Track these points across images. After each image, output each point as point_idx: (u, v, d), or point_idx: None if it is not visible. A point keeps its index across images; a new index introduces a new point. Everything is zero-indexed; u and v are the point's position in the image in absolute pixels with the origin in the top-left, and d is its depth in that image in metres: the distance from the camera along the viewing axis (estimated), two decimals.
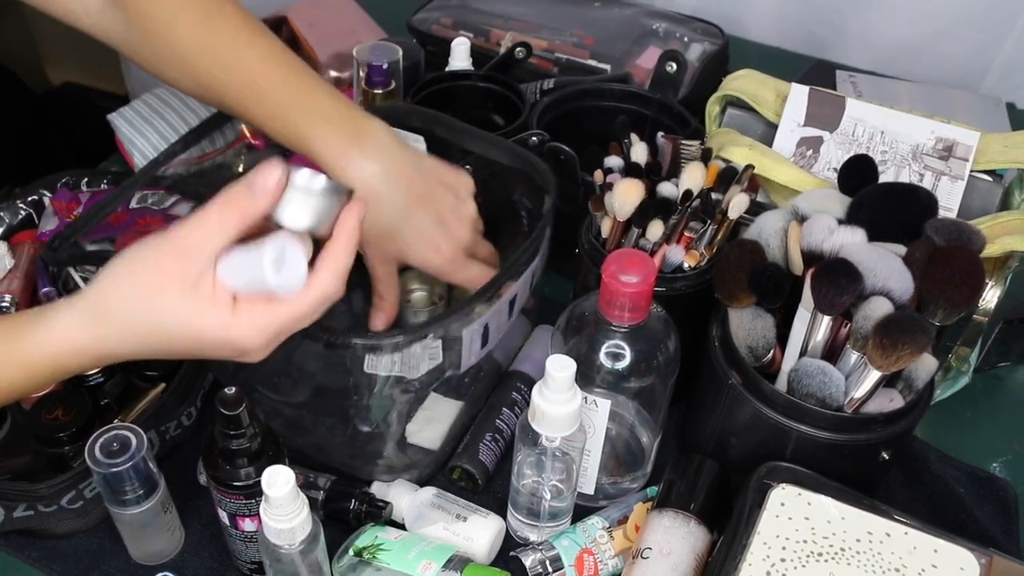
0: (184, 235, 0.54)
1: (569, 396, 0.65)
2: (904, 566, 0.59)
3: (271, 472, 0.59)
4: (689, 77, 1.07)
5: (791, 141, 0.84)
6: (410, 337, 0.66)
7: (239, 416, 0.61)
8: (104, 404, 0.78)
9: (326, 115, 0.69)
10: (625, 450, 0.78)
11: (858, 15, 1.25)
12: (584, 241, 0.78)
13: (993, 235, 0.74)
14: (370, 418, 0.75)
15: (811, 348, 0.66)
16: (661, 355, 0.69)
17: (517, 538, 0.75)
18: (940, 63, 1.23)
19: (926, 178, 0.81)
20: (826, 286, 0.62)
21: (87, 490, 0.71)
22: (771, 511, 0.62)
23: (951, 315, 0.64)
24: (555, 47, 1.15)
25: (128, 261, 0.56)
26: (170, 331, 0.55)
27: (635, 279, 0.64)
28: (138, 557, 0.73)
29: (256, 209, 0.54)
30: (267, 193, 0.54)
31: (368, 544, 0.70)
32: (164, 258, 0.54)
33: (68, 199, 0.94)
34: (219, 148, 1.00)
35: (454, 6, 1.22)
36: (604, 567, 0.71)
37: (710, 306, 0.74)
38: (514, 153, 0.82)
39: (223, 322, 0.54)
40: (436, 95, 0.98)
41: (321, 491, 0.74)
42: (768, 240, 0.71)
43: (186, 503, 0.75)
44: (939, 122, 0.82)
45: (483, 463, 0.77)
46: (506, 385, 0.83)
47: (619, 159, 0.78)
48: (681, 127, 0.95)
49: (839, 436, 0.65)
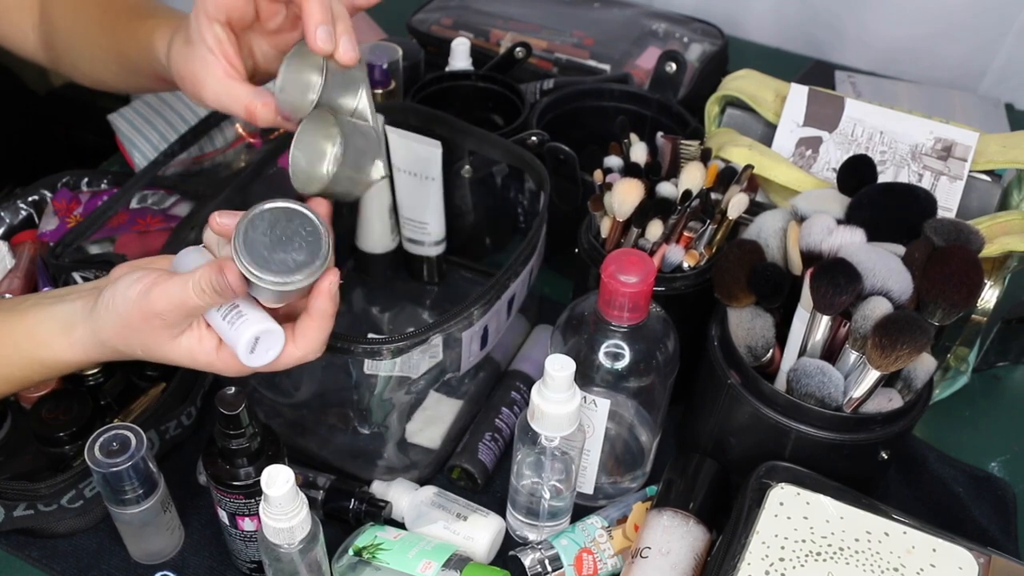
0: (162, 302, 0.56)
1: (568, 396, 0.65)
2: (903, 565, 0.59)
3: (270, 472, 0.59)
4: (688, 77, 1.07)
5: (790, 141, 0.84)
6: (411, 341, 0.66)
7: (239, 416, 0.61)
8: (104, 404, 0.78)
9: (169, 25, 0.71)
10: (624, 450, 0.78)
11: (857, 16, 1.25)
12: (584, 241, 0.78)
13: (992, 235, 0.74)
14: (370, 418, 0.75)
15: (810, 348, 0.66)
16: (660, 355, 0.69)
17: (516, 537, 0.75)
18: (939, 64, 1.23)
19: (925, 178, 0.81)
20: (825, 286, 0.62)
21: (87, 489, 0.71)
22: (770, 510, 0.62)
23: (950, 315, 0.64)
24: (555, 47, 1.15)
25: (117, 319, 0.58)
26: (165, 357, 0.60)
27: (634, 279, 0.65)
28: (138, 556, 0.73)
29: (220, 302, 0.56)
30: (230, 292, 0.55)
31: (368, 543, 0.70)
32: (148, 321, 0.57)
33: (68, 199, 0.94)
34: (218, 148, 1.01)
35: (454, 6, 1.22)
36: (603, 566, 0.71)
37: (709, 306, 0.74)
38: (509, 151, 0.82)
39: (209, 361, 0.60)
40: (436, 95, 0.98)
41: (321, 490, 0.74)
42: (767, 240, 0.71)
43: (186, 503, 0.75)
44: (938, 122, 0.82)
45: (482, 462, 0.77)
46: (505, 385, 0.83)
47: (618, 159, 0.79)
48: (680, 127, 0.95)
49: (838, 436, 0.65)
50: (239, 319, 0.57)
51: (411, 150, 0.84)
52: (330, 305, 0.59)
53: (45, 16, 0.82)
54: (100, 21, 0.78)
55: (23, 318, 0.62)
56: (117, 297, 0.58)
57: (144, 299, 0.56)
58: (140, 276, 0.57)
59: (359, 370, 0.67)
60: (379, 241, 0.91)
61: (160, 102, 1.03)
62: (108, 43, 0.76)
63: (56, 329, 0.61)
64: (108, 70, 0.79)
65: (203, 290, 0.54)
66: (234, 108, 0.63)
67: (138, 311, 0.57)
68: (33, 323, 0.62)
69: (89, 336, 0.60)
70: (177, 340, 0.58)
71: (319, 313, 0.59)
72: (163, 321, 0.57)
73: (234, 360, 0.58)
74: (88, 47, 0.79)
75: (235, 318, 0.57)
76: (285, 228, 0.55)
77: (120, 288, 0.58)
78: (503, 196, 0.94)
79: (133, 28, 0.74)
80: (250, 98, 0.63)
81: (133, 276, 0.58)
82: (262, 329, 0.57)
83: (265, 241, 0.55)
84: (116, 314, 0.58)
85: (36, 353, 0.62)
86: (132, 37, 0.73)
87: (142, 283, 0.57)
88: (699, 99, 0.94)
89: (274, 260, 0.54)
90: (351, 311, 0.93)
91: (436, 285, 0.95)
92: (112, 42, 0.76)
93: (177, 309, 0.56)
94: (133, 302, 0.57)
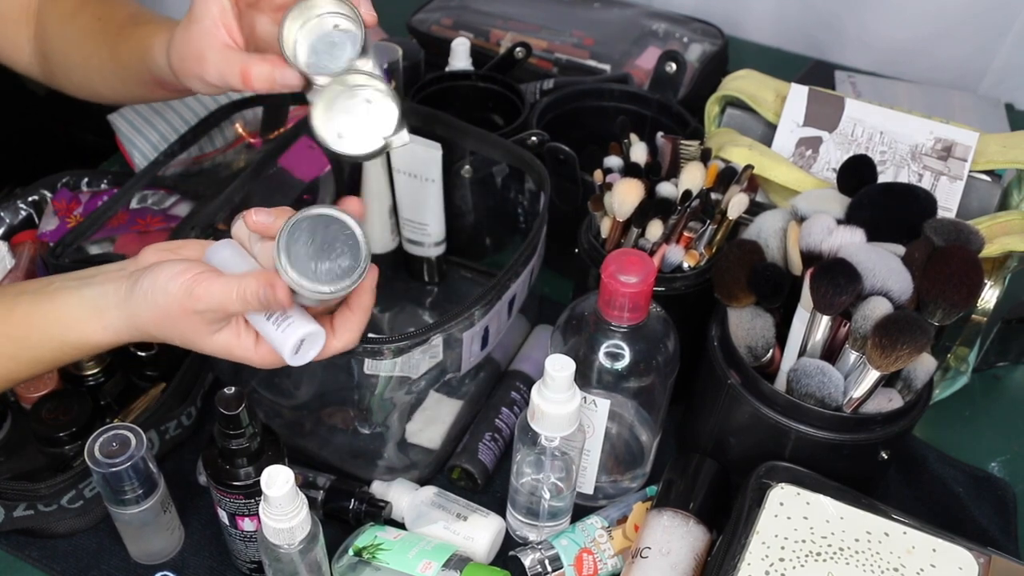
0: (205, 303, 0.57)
1: (568, 396, 0.65)
2: (903, 565, 0.59)
3: (270, 472, 0.59)
4: (688, 77, 1.07)
5: (790, 141, 0.84)
6: (411, 341, 0.66)
7: (239, 416, 0.61)
8: (104, 404, 0.78)
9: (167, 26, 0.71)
10: (624, 450, 0.78)
11: (857, 16, 1.25)
12: (584, 241, 0.78)
13: (992, 235, 0.74)
14: (371, 419, 0.75)
15: (810, 348, 0.66)
16: (660, 355, 0.69)
17: (516, 537, 0.75)
18: (939, 64, 1.23)
19: (925, 178, 0.81)
20: (825, 286, 0.62)
21: (87, 489, 0.71)
22: (770, 510, 0.62)
23: (950, 315, 0.64)
24: (555, 47, 1.15)
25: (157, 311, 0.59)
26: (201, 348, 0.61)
27: (634, 279, 0.65)
28: (138, 557, 0.73)
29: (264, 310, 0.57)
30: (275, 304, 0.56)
31: (368, 544, 0.70)
32: (189, 318, 0.58)
33: (68, 199, 0.94)
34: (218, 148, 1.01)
35: (454, 6, 1.22)
36: (603, 566, 0.71)
37: (709, 306, 0.74)
38: (509, 151, 0.82)
39: (247, 356, 0.60)
40: (436, 95, 0.98)
41: (321, 491, 0.74)
42: (767, 240, 0.71)
43: (186, 503, 0.75)
44: (938, 122, 0.82)
45: (482, 463, 0.77)
46: (505, 385, 0.83)
47: (618, 159, 0.79)
48: (680, 127, 0.95)
49: (838, 436, 0.65)
50: (284, 321, 0.57)
51: (411, 152, 0.84)
52: (371, 300, 0.61)
53: (40, 29, 0.83)
54: (95, 31, 0.78)
55: (51, 301, 0.62)
56: (157, 289, 0.58)
57: (187, 297, 0.57)
58: (182, 269, 0.57)
59: (360, 370, 0.67)
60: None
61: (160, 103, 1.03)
62: (104, 52, 0.77)
63: (87, 313, 0.61)
64: (103, 80, 0.79)
65: (248, 301, 0.55)
66: (232, 75, 0.63)
67: (179, 307, 0.57)
68: (62, 306, 0.62)
69: (123, 321, 0.60)
70: (215, 335, 0.59)
71: (361, 308, 0.61)
72: (203, 319, 0.58)
73: (272, 356, 0.59)
74: (83, 57, 0.79)
75: (280, 320, 0.58)
76: (324, 235, 0.56)
77: (160, 280, 0.58)
78: (503, 196, 0.94)
79: (128, 34, 0.74)
80: (245, 61, 0.62)
81: (175, 268, 0.58)
82: (307, 332, 0.57)
83: (308, 251, 0.55)
84: (155, 304, 0.58)
85: (66, 336, 0.62)
86: (128, 42, 0.74)
87: (184, 278, 0.57)
88: (699, 99, 0.94)
89: (320, 270, 0.55)
90: None
91: (436, 285, 0.95)
92: (108, 51, 0.76)
93: (219, 311, 0.57)
94: (174, 297, 0.57)
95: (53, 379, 0.78)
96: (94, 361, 0.78)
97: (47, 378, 0.78)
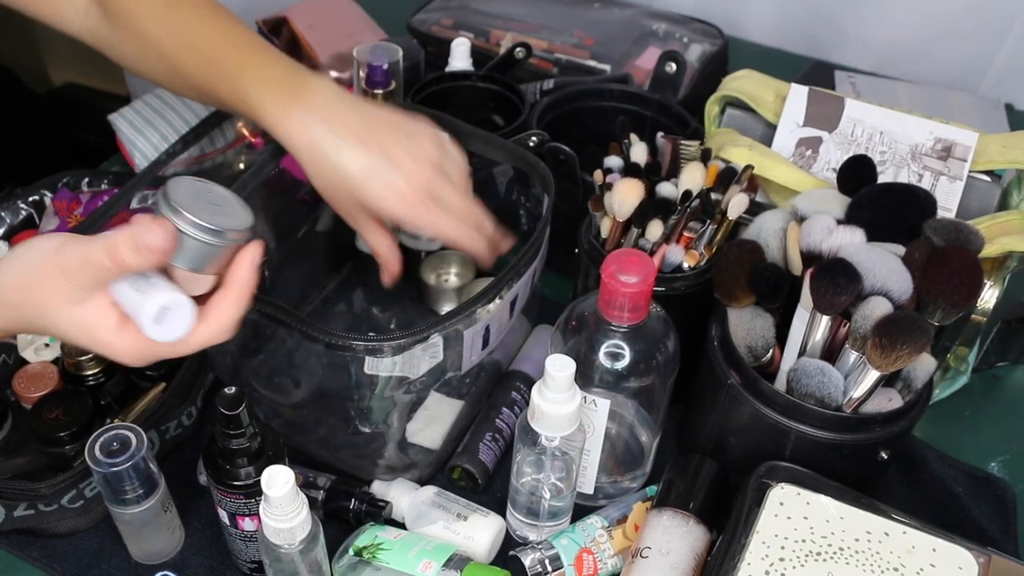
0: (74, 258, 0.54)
1: (568, 396, 0.65)
2: (903, 565, 0.59)
3: (271, 472, 0.59)
4: (688, 78, 1.07)
5: (790, 141, 0.84)
6: (412, 339, 0.66)
7: (239, 416, 0.61)
8: (104, 404, 0.79)
9: (272, 79, 0.71)
10: (624, 449, 0.78)
11: (857, 17, 1.25)
12: (584, 241, 0.78)
13: (991, 235, 0.74)
14: (371, 418, 0.75)
15: (810, 348, 0.66)
16: (660, 355, 0.69)
17: (517, 537, 0.75)
18: (939, 64, 1.24)
19: (925, 178, 0.81)
20: (825, 286, 0.62)
21: (87, 489, 0.71)
22: (770, 510, 0.62)
23: (950, 315, 0.64)
24: (555, 47, 1.15)
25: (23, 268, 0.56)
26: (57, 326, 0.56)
27: (634, 279, 0.65)
28: (138, 556, 0.73)
29: (134, 264, 0.53)
30: (148, 252, 0.52)
31: (368, 543, 0.70)
32: (54, 277, 0.54)
33: (69, 199, 0.94)
34: (219, 148, 1.01)
35: (454, 6, 1.22)
36: (603, 566, 0.71)
37: (709, 306, 0.74)
38: (513, 153, 0.82)
39: (107, 340, 0.55)
40: (436, 95, 0.99)
41: (321, 490, 0.74)
42: (767, 240, 0.71)
43: (186, 503, 0.75)
44: (938, 123, 0.82)
45: (483, 462, 0.77)
46: (506, 385, 0.83)
47: (619, 159, 0.79)
48: (680, 127, 0.95)
49: (838, 436, 0.65)
50: (148, 285, 0.54)
51: None
52: (251, 276, 0.56)
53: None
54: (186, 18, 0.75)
55: None
56: (32, 247, 0.56)
57: (56, 253, 0.54)
58: (60, 235, 0.56)
59: (359, 369, 0.67)
60: None
61: (161, 103, 1.03)
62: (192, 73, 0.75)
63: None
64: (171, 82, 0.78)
65: (118, 249, 0.51)
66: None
67: (46, 263, 0.54)
68: None
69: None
70: (75, 308, 0.54)
71: (238, 284, 0.56)
72: (68, 283, 0.54)
73: (135, 339, 0.55)
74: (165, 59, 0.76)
75: (145, 286, 0.54)
76: (209, 198, 0.54)
77: (37, 240, 0.56)
78: (505, 197, 0.94)
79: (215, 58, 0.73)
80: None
81: (55, 235, 0.56)
82: (171, 298, 0.53)
83: (192, 201, 0.53)
84: (22, 262, 0.56)
85: None
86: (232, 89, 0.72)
87: (59, 239, 0.55)
88: (699, 99, 0.94)
89: (205, 211, 0.53)
90: (351, 311, 0.93)
91: None
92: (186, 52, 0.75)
93: (87, 266, 0.53)
94: (43, 252, 0.55)
95: (54, 379, 0.78)
96: (95, 361, 0.78)
97: (48, 378, 0.78)
